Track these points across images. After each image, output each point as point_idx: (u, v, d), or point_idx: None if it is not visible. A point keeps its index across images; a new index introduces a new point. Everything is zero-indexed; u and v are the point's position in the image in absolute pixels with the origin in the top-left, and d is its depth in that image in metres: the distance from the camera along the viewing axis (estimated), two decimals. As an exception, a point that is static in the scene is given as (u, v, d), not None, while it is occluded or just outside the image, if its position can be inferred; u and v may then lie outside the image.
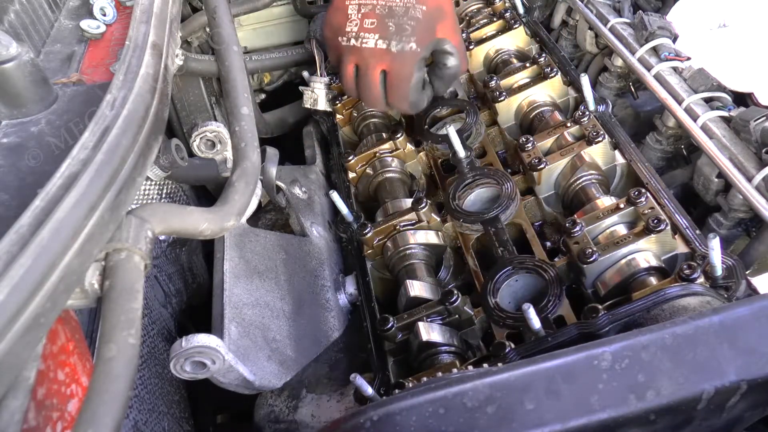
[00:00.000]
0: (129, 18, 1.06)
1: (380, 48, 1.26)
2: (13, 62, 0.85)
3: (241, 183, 0.95)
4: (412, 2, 1.26)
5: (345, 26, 1.29)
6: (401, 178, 1.37)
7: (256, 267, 1.19)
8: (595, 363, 0.71)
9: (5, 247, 0.59)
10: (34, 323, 0.58)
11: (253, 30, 2.09)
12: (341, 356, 1.19)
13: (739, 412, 0.74)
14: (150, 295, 1.25)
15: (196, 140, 1.28)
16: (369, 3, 1.28)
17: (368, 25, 1.27)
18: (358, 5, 1.29)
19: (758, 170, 1.07)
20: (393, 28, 1.25)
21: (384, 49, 1.26)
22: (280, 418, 1.11)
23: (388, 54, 1.26)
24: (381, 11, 1.27)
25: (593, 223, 1.04)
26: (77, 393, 0.75)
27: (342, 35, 1.30)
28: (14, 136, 0.87)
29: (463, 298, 1.04)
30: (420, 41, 1.26)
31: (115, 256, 0.70)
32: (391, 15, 1.26)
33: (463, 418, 0.69)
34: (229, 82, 1.13)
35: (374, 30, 1.27)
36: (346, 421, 0.74)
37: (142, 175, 0.81)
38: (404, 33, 1.25)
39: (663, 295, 0.89)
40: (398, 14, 1.26)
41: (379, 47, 1.26)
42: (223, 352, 0.93)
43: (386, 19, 1.26)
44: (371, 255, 1.24)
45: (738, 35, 1.36)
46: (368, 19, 1.27)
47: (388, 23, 1.26)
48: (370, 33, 1.27)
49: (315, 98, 1.62)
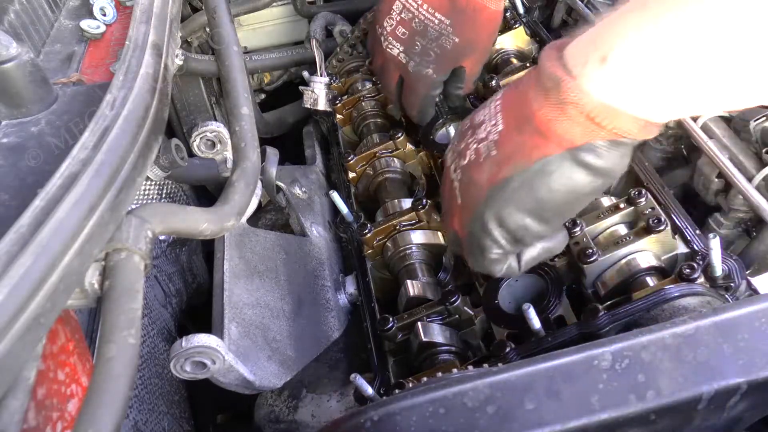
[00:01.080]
0: (129, 18, 1.06)
1: (400, 60, 1.25)
2: (13, 62, 0.85)
3: (241, 183, 0.95)
4: (449, 30, 1.20)
5: (384, 20, 1.25)
6: (401, 178, 1.37)
7: (256, 267, 1.19)
8: (595, 363, 0.71)
9: (5, 247, 0.59)
10: (34, 323, 0.58)
11: (253, 30, 2.08)
12: (341, 356, 1.19)
13: (739, 412, 0.74)
14: (150, 295, 1.25)
15: (196, 140, 1.28)
16: (412, 10, 1.21)
17: (399, 34, 1.23)
18: (402, 7, 1.22)
19: (758, 170, 1.07)
20: (419, 48, 1.22)
21: (403, 63, 1.25)
22: (280, 418, 1.11)
23: (405, 69, 1.26)
24: (416, 26, 1.21)
25: (593, 223, 1.04)
26: (77, 393, 0.75)
27: (379, 25, 1.27)
28: (14, 136, 0.87)
29: (463, 298, 1.04)
30: (439, 70, 1.24)
31: (115, 256, 0.70)
32: (423, 34, 1.21)
33: (464, 418, 0.69)
34: (229, 82, 1.13)
35: (402, 42, 1.23)
36: (346, 421, 0.74)
37: (142, 175, 0.81)
38: (426, 58, 1.22)
39: (663, 295, 0.89)
40: (429, 37, 1.21)
41: (399, 59, 1.25)
42: (223, 352, 0.93)
43: (417, 37, 1.21)
44: (371, 255, 1.24)
45: (738, 35, 1.35)
46: (402, 27, 1.23)
47: (417, 41, 1.21)
48: (397, 42, 1.24)
49: (315, 98, 1.62)
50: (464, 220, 0.86)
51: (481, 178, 0.81)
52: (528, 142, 0.76)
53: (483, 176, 0.81)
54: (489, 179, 0.80)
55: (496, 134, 0.80)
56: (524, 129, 0.76)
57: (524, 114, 0.76)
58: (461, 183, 0.86)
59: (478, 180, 0.82)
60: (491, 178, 0.80)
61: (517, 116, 0.78)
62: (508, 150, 0.78)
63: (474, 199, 0.83)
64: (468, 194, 0.84)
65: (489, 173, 0.80)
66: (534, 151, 0.75)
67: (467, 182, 0.84)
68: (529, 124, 0.75)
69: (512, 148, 0.78)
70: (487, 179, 0.80)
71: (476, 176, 0.82)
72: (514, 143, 0.78)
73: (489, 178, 0.80)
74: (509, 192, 0.78)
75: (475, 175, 0.82)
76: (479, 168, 0.82)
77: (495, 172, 0.79)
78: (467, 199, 0.85)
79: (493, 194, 0.80)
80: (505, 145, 0.79)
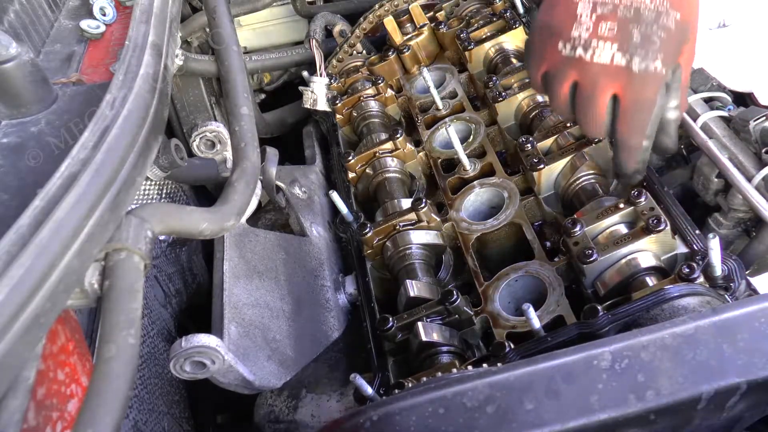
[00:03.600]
0: (129, 18, 1.06)
1: (617, 65, 0.92)
2: (13, 62, 0.85)
3: (240, 183, 0.96)
4: (666, 6, 0.93)
5: (571, 29, 0.94)
6: (401, 178, 1.37)
7: (255, 267, 1.19)
8: (595, 363, 0.71)
9: (5, 247, 0.59)
10: (34, 323, 0.58)
11: (253, 30, 2.09)
12: (341, 356, 1.19)
13: (738, 412, 0.74)
14: (150, 295, 1.25)
15: (196, 140, 1.29)
16: (608, 1, 0.93)
17: (605, 32, 0.93)
18: (593, 3, 0.93)
19: (758, 170, 1.07)
20: (638, 38, 0.92)
21: (622, 66, 0.92)
22: (280, 418, 1.11)
23: (626, 74, 0.92)
24: (624, 13, 0.92)
25: (593, 223, 1.04)
26: (77, 393, 0.75)
27: (564, 40, 0.94)
28: (14, 136, 0.87)
29: (463, 298, 1.04)
30: (666, 61, 0.93)
31: (114, 256, 0.70)
32: (637, 19, 0.92)
33: (463, 418, 0.69)
34: (229, 82, 1.13)
35: (613, 39, 0.92)
36: (346, 421, 0.74)
37: (141, 175, 0.81)
38: (651, 47, 0.92)
39: (663, 295, 0.89)
40: (647, 20, 0.92)
41: (615, 63, 0.92)
42: (222, 352, 0.93)
43: (631, 24, 0.92)
44: (371, 255, 1.24)
45: (738, 35, 1.36)
46: (606, 22, 0.93)
47: (633, 31, 0.92)
48: (606, 42, 0.92)
49: (315, 98, 1.62)
50: None
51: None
52: None
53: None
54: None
55: None
56: None
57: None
58: None
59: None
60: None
61: None
62: None
63: None
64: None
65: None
66: None
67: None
68: None
69: None
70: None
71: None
72: None
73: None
74: None
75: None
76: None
77: None
78: None
79: None
80: None
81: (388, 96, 1.57)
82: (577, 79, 0.95)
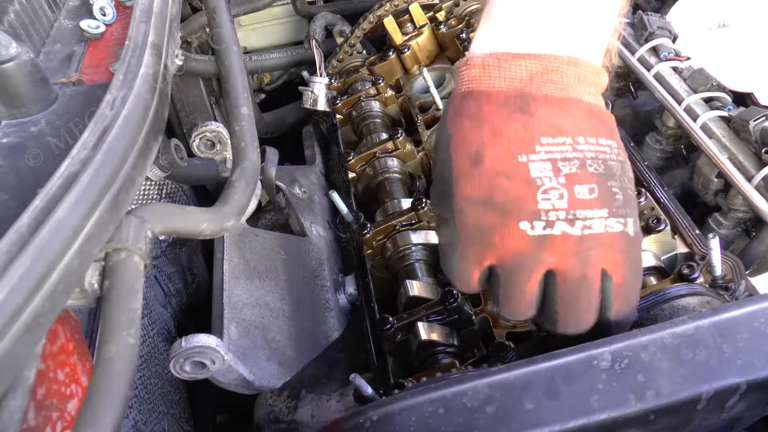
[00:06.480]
0: (129, 18, 1.06)
1: (613, 233, 0.71)
2: (12, 62, 0.85)
3: (240, 183, 0.95)
4: (623, 153, 0.76)
5: (534, 200, 0.70)
6: (401, 178, 1.37)
7: (255, 267, 1.19)
8: (595, 363, 0.71)
9: (5, 247, 0.59)
10: (34, 323, 0.58)
11: (253, 30, 2.09)
12: (341, 356, 1.19)
13: (738, 412, 0.74)
14: (150, 295, 1.25)
15: (196, 140, 1.28)
16: (567, 153, 0.71)
17: (584, 195, 0.70)
18: (550, 160, 0.71)
19: (758, 170, 1.07)
20: (620, 196, 0.73)
21: (617, 233, 0.72)
22: (279, 418, 1.11)
23: (622, 241, 0.72)
24: (596, 168, 0.72)
25: (593, 223, 1.04)
26: (77, 393, 0.75)
27: (528, 217, 0.70)
28: (14, 136, 0.87)
29: (463, 298, 1.04)
30: (636, 218, 0.76)
31: (114, 256, 0.70)
32: (610, 174, 0.72)
33: (463, 418, 0.69)
34: (229, 82, 1.13)
35: (598, 203, 0.71)
36: (345, 421, 0.74)
37: (141, 175, 0.81)
38: (629, 204, 0.74)
39: (662, 295, 0.89)
40: (616, 173, 0.73)
41: (609, 231, 0.71)
42: (222, 353, 0.93)
43: (608, 180, 0.72)
44: (371, 255, 1.24)
45: (738, 35, 1.36)
46: (581, 184, 0.71)
47: (612, 187, 0.72)
48: (591, 209, 0.71)
49: (314, 98, 1.62)
50: None
51: None
52: None
53: None
54: None
55: None
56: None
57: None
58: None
59: None
60: None
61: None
62: None
63: None
64: None
65: None
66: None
67: None
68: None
69: None
70: None
71: None
72: None
73: None
74: None
75: None
76: None
77: None
78: None
79: None
80: None
81: (388, 96, 1.57)
82: (554, 266, 0.72)
